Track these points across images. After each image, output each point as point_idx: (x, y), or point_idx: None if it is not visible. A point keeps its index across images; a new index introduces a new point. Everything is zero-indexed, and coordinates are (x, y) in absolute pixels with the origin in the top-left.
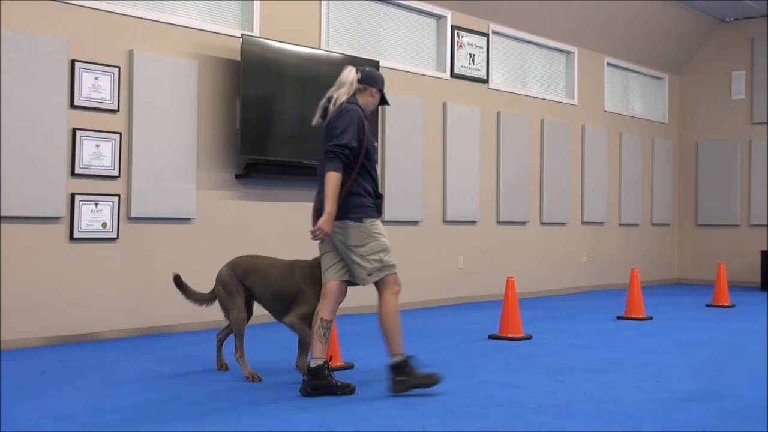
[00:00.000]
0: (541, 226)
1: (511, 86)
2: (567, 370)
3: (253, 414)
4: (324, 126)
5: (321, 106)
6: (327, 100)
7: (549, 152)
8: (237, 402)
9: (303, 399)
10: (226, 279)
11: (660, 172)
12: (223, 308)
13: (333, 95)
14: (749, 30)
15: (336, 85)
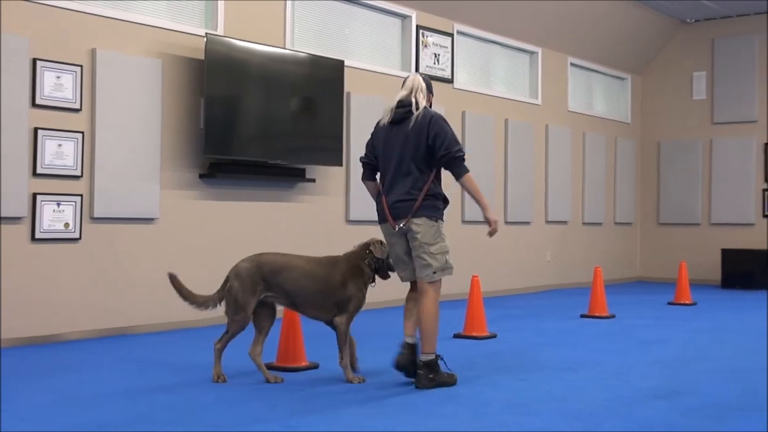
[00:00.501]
0: (505, 225)
1: (476, 86)
2: (531, 368)
3: (216, 415)
4: (407, 128)
5: (391, 110)
6: (399, 105)
7: (513, 152)
8: (200, 403)
9: (269, 399)
10: (246, 276)
11: (623, 172)
12: (232, 306)
13: (410, 100)
14: (710, 31)
15: (406, 89)
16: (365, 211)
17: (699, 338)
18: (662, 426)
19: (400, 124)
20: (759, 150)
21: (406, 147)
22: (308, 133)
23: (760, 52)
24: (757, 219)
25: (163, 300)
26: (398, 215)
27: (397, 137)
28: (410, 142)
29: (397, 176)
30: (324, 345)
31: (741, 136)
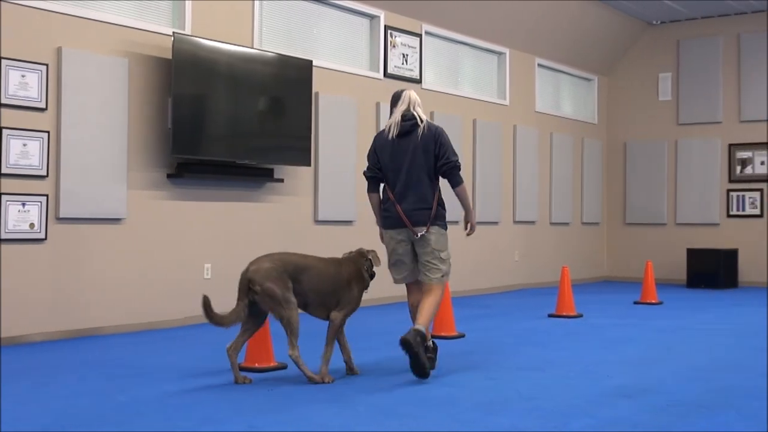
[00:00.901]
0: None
1: (444, 86)
2: (499, 367)
3: (183, 416)
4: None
5: (397, 123)
6: (404, 118)
7: (481, 152)
8: (166, 404)
9: (235, 400)
10: (276, 275)
11: (589, 172)
12: (277, 306)
13: (412, 113)
14: (675, 32)
15: (404, 104)
16: (333, 212)
17: (665, 337)
18: (629, 425)
19: (408, 136)
20: (723, 151)
21: (416, 158)
22: (276, 133)
23: (724, 54)
24: (721, 219)
25: (130, 301)
26: (417, 222)
27: (406, 149)
28: (419, 152)
29: (409, 185)
30: None
31: (706, 136)
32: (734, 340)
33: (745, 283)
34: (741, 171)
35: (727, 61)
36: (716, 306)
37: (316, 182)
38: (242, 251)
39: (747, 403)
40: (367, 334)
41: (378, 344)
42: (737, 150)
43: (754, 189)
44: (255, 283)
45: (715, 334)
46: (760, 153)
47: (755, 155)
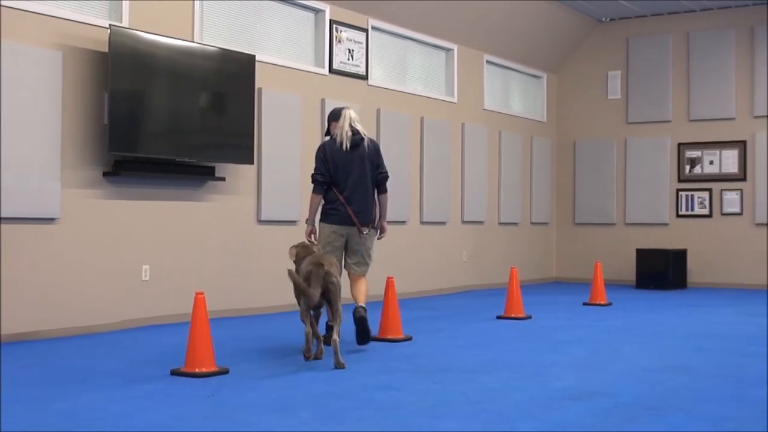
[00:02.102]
0: (421, 225)
1: (391, 83)
2: (446, 370)
3: (124, 424)
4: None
5: (348, 137)
6: (354, 132)
7: (429, 150)
8: (106, 411)
9: (177, 407)
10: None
11: (539, 171)
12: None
13: (358, 128)
14: (625, 30)
15: (347, 120)
16: (277, 211)
17: (613, 339)
18: (577, 427)
19: (356, 148)
20: (673, 150)
21: (363, 167)
22: (218, 129)
23: (674, 52)
24: (671, 219)
25: (66, 304)
26: (365, 222)
27: (355, 159)
28: (366, 163)
29: (358, 190)
30: (234, 349)
31: (655, 135)
32: (683, 342)
33: (694, 284)
34: (690, 170)
35: (677, 60)
36: (665, 307)
37: (259, 181)
38: (182, 252)
39: (695, 405)
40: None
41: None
42: (686, 149)
43: (703, 189)
44: (332, 276)
45: (663, 335)
46: (709, 152)
47: (704, 154)
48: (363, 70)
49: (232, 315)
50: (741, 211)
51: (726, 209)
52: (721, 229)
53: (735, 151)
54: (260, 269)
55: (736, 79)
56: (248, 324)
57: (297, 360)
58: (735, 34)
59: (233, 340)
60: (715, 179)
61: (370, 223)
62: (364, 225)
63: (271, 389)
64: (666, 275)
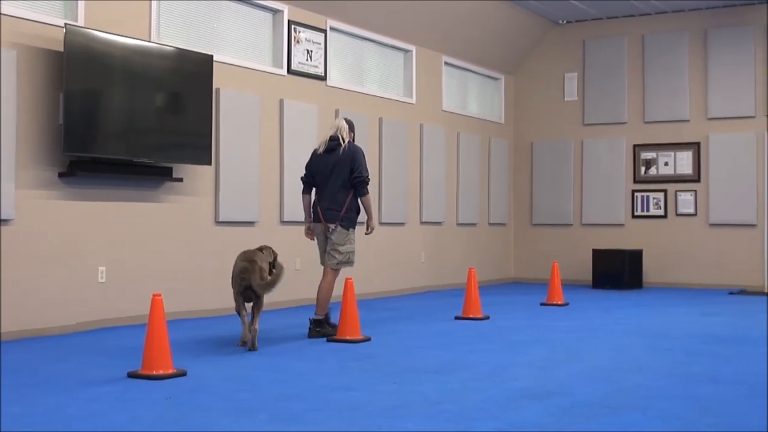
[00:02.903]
0: (380, 225)
1: (349, 84)
2: (405, 371)
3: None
4: (335, 157)
5: (325, 142)
6: (332, 139)
7: (387, 151)
8: (62, 415)
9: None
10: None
11: (496, 172)
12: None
13: (336, 135)
14: (581, 32)
15: (333, 129)
16: (235, 213)
17: (570, 338)
18: (535, 426)
19: (332, 153)
20: (628, 151)
21: (335, 170)
22: (175, 130)
23: (629, 54)
24: (626, 220)
25: (20, 306)
26: (329, 220)
27: (329, 162)
28: (338, 166)
29: (328, 191)
30: (191, 350)
31: (611, 137)
32: (638, 341)
33: (649, 284)
34: (645, 171)
35: (632, 62)
36: (621, 306)
37: (217, 182)
38: (138, 254)
39: (652, 403)
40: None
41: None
42: (642, 150)
43: (658, 189)
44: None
45: (619, 334)
46: (664, 154)
47: (659, 156)
48: (321, 70)
49: (190, 316)
50: (695, 212)
51: (681, 210)
52: (675, 230)
53: (689, 152)
54: (218, 270)
55: (690, 82)
56: (206, 325)
57: (255, 362)
58: (689, 37)
59: (191, 342)
60: (669, 180)
61: (335, 221)
62: (329, 222)
63: (229, 391)
64: (622, 275)
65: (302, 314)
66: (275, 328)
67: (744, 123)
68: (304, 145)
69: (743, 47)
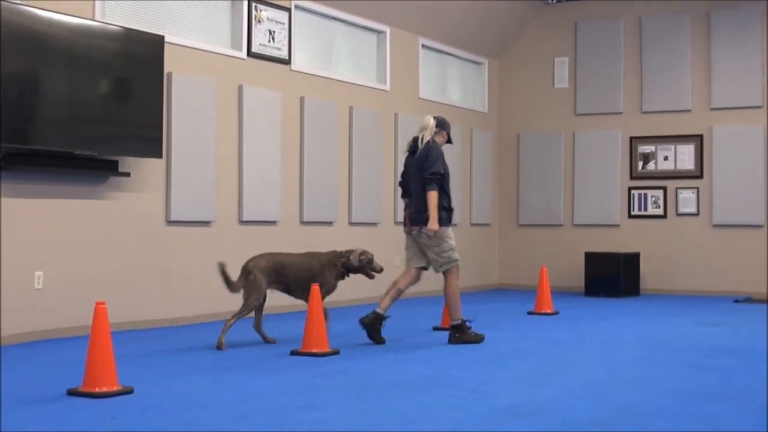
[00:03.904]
0: (349, 226)
1: (317, 68)
2: (378, 387)
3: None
4: (415, 158)
5: (408, 144)
6: (413, 140)
7: (359, 143)
8: None
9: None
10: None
11: (479, 167)
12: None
13: (418, 136)
14: (573, 13)
15: (423, 128)
16: (189, 211)
17: (560, 351)
18: None
19: (413, 154)
20: (624, 144)
21: (416, 171)
22: (122, 119)
23: (625, 38)
24: (622, 220)
25: None
26: (414, 223)
27: (410, 165)
28: (417, 167)
29: (413, 193)
30: (139, 365)
31: (605, 128)
32: (635, 354)
33: (647, 290)
34: (643, 167)
35: (629, 46)
36: (616, 315)
37: (169, 177)
38: (80, 257)
39: (649, 422)
40: (234, 353)
41: (245, 362)
42: (639, 143)
43: (656, 187)
44: (251, 273)
45: (614, 346)
46: (664, 147)
47: (658, 149)
48: (285, 53)
49: (138, 327)
50: (698, 212)
51: (681, 209)
52: (676, 231)
53: (691, 145)
54: (170, 276)
55: (692, 68)
56: (156, 337)
57: (211, 378)
58: (690, 20)
59: (139, 356)
60: (669, 176)
61: (421, 223)
62: (414, 225)
63: (182, 411)
64: (617, 281)
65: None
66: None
67: (751, 114)
68: (265, 136)
69: (749, 30)
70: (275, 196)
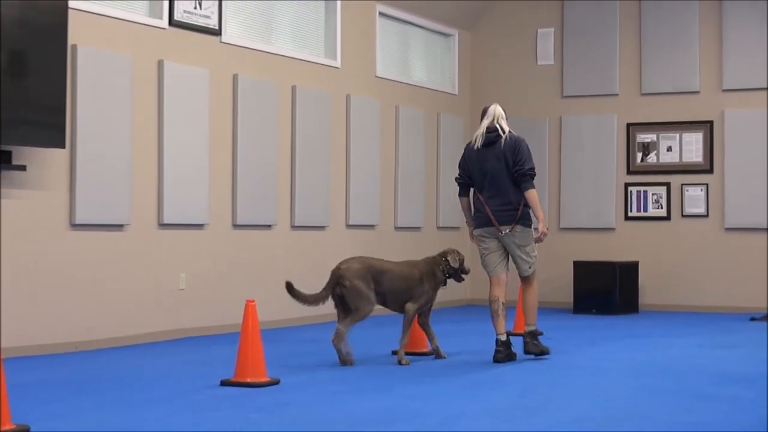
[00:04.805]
0: (291, 230)
1: (252, 41)
2: (326, 424)
3: None
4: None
5: (483, 135)
6: (488, 131)
7: (303, 130)
8: None
9: None
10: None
11: (448, 159)
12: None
13: (496, 125)
14: None
15: (490, 118)
16: (97, 212)
17: (545, 379)
18: None
19: (492, 146)
20: (621, 132)
21: (499, 164)
22: (15, 101)
23: (622, 6)
24: (618, 222)
25: None
26: (503, 222)
27: (490, 157)
28: (502, 160)
29: (495, 189)
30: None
31: (598, 113)
32: (632, 382)
33: (647, 307)
34: (642, 159)
35: (626, 16)
36: (611, 338)
37: (73, 171)
38: None
39: None
40: (153, 383)
41: (166, 394)
42: (638, 131)
43: (658, 183)
44: (345, 279)
45: (608, 374)
46: (667, 136)
47: (660, 138)
48: (215, 22)
49: (34, 353)
50: (707, 213)
51: (688, 210)
52: (681, 236)
53: (699, 134)
54: (75, 291)
55: (701, 41)
56: (57, 365)
57: (120, 413)
58: None
59: (34, 388)
60: (674, 171)
61: (512, 222)
62: (503, 224)
63: None
64: (612, 296)
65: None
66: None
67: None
68: (190, 122)
69: None
70: (202, 195)
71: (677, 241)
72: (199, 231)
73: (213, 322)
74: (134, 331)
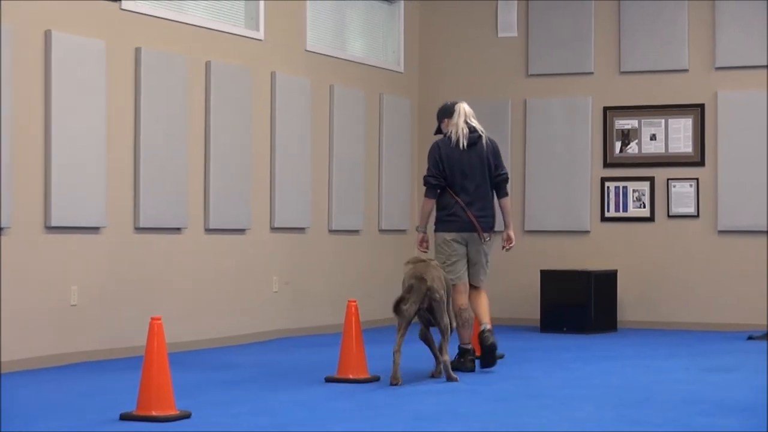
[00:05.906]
0: (205, 234)
1: (158, 8)
2: None
3: None
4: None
5: (465, 134)
6: (470, 129)
7: (219, 114)
8: None
9: None
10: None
11: (393, 149)
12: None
13: (474, 124)
14: None
15: (462, 116)
16: None
17: (506, 410)
18: None
19: (474, 147)
20: (596, 117)
21: (483, 168)
22: None
23: None
24: (593, 224)
25: None
26: (485, 228)
27: (472, 159)
28: (485, 164)
29: (479, 194)
30: None
31: (570, 95)
32: (609, 413)
33: (627, 324)
34: (622, 149)
35: None
36: (584, 360)
37: None
38: None
39: None
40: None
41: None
42: (617, 116)
43: (640, 177)
44: (435, 291)
45: (580, 403)
46: (651, 122)
47: (643, 125)
48: None
49: None
50: (697, 213)
51: (675, 209)
52: (667, 240)
53: (688, 119)
54: None
55: (690, 12)
56: None
57: None
58: None
59: None
60: (659, 163)
61: (491, 228)
62: (486, 231)
63: None
64: (585, 311)
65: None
66: (35, 397)
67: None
68: (84, 104)
69: None
70: (98, 192)
71: (662, 247)
72: (94, 235)
73: (111, 344)
74: (14, 356)
